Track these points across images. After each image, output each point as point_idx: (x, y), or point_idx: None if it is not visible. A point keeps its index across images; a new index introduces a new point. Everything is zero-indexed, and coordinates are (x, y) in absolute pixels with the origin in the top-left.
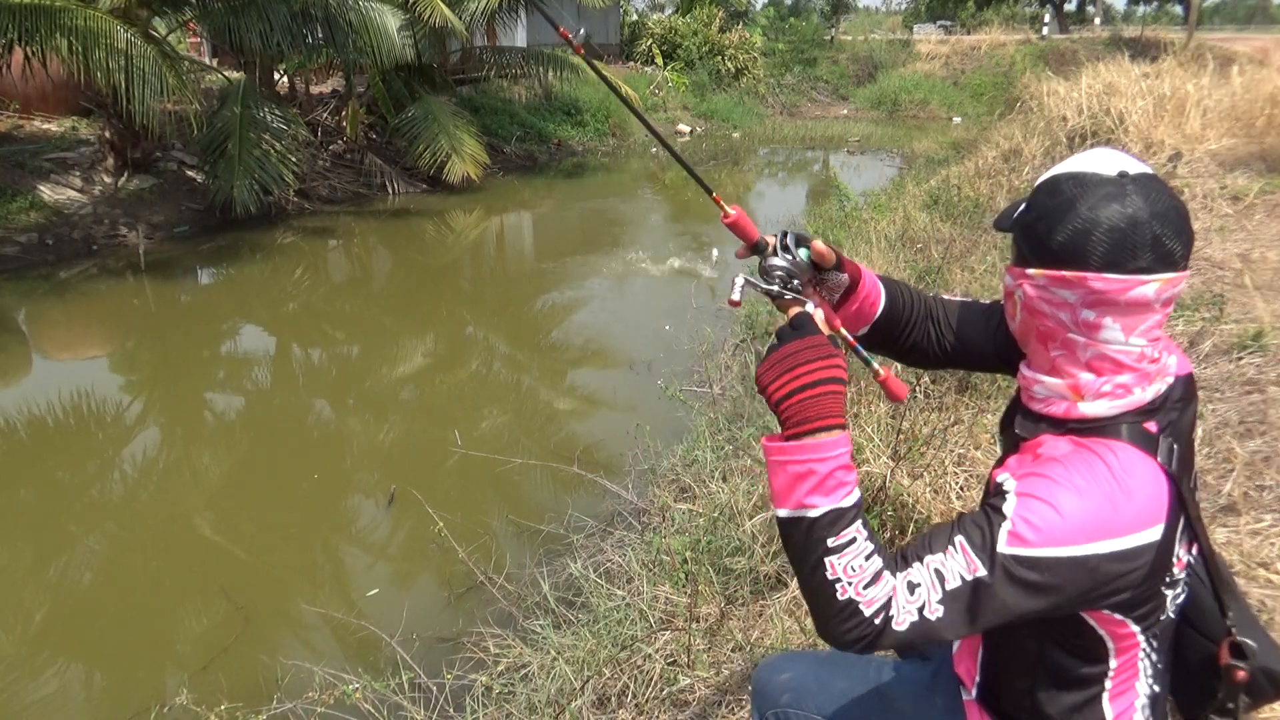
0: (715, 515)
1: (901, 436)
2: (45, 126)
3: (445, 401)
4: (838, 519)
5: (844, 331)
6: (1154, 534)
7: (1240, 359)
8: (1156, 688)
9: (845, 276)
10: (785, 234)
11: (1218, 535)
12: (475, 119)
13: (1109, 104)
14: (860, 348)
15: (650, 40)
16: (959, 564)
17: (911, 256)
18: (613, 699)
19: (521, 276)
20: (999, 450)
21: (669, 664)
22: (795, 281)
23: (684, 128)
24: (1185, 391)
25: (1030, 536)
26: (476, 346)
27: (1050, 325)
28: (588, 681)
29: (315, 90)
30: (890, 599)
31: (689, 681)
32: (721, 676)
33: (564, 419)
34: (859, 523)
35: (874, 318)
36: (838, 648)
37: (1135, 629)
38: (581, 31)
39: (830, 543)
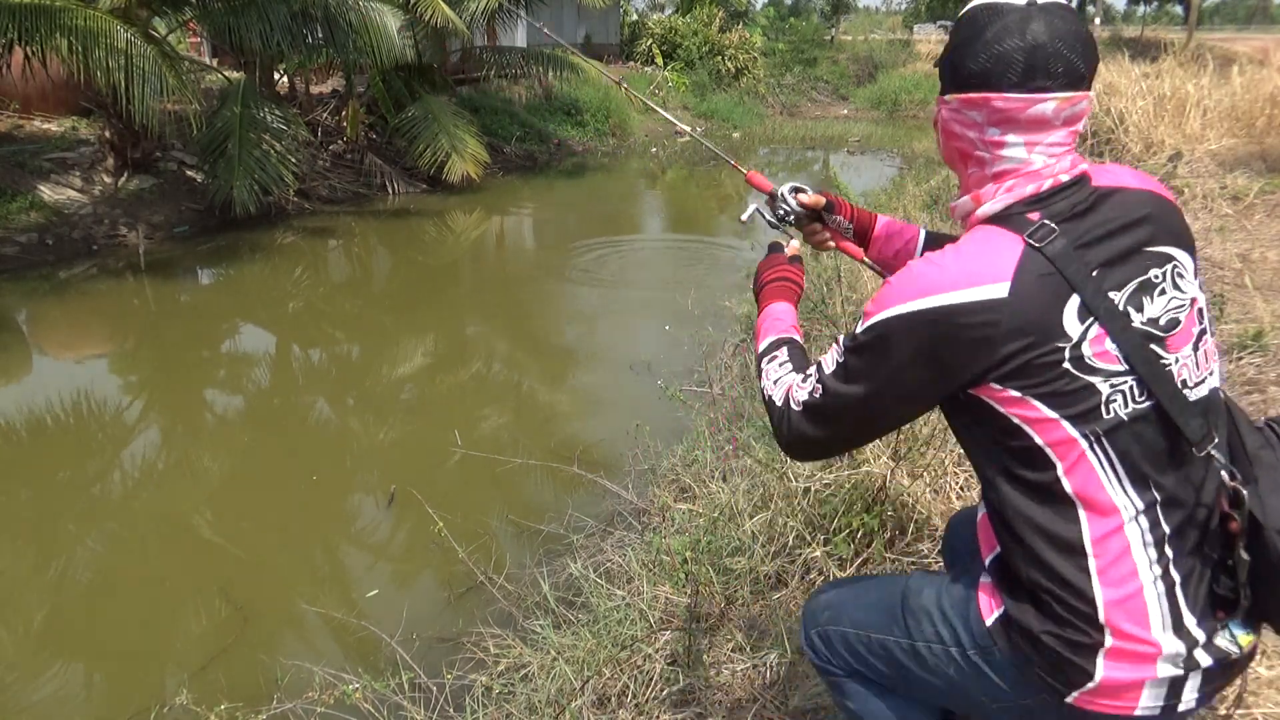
0: (715, 515)
1: (901, 436)
2: (45, 126)
3: (445, 401)
4: (770, 348)
5: (852, 249)
6: (993, 291)
7: (1240, 359)
8: (1168, 563)
9: (844, 220)
10: (787, 186)
11: None
12: (475, 119)
13: (1109, 104)
14: (867, 260)
15: (650, 40)
16: (834, 353)
17: None
18: (613, 699)
19: (521, 276)
20: None
21: (669, 664)
22: (791, 217)
23: (684, 127)
24: (1136, 210)
25: (871, 309)
26: (476, 346)
27: (962, 145)
28: (588, 681)
29: (315, 90)
30: (789, 390)
31: (689, 681)
32: (722, 676)
33: (564, 419)
34: (784, 350)
35: (915, 254)
36: (785, 452)
37: (1071, 431)
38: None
39: (764, 363)
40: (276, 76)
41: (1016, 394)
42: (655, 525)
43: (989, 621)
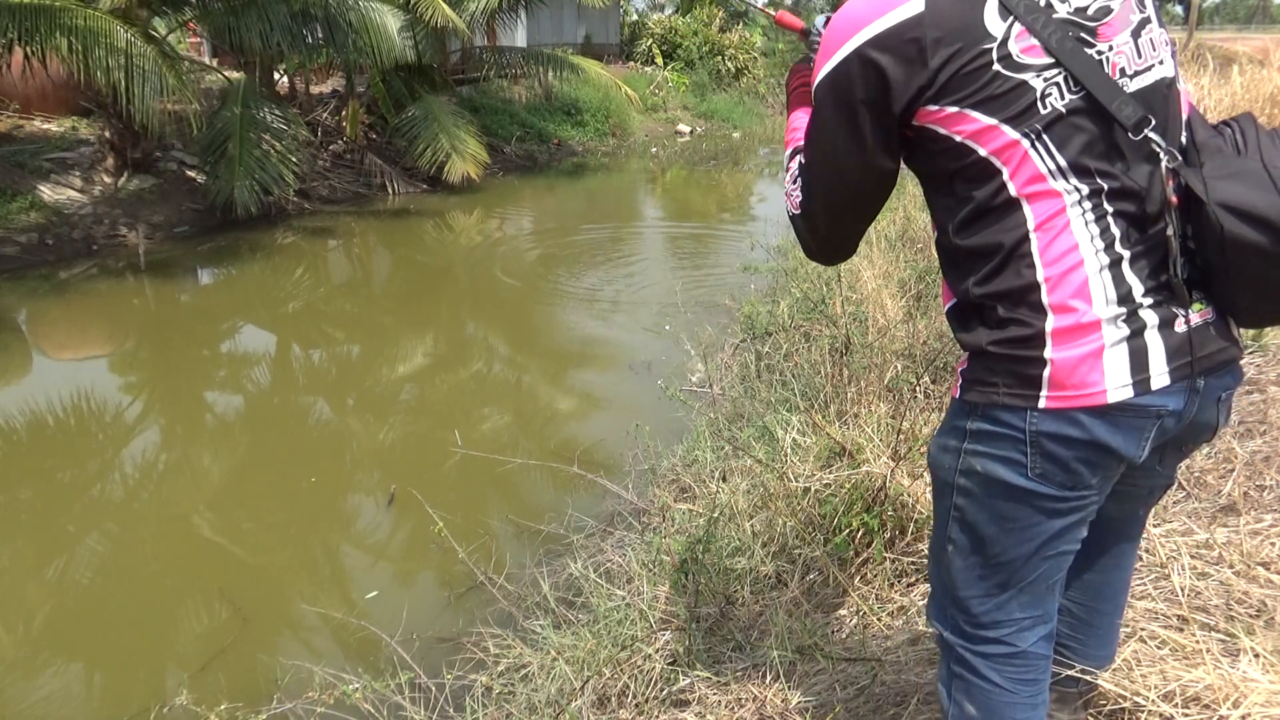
0: (715, 515)
1: (901, 436)
2: (45, 126)
3: (445, 401)
4: (788, 162)
5: None
6: (909, 9)
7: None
8: (1112, 240)
9: None
10: (819, 18)
11: (1218, 535)
12: (475, 119)
13: None
14: None
15: (650, 40)
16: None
17: (912, 256)
18: (613, 699)
19: (521, 277)
20: None
21: (669, 664)
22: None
23: (684, 128)
24: None
25: (813, 72)
26: (476, 346)
27: None
28: (588, 681)
29: (315, 90)
30: (788, 196)
31: (689, 681)
32: (722, 676)
33: (564, 419)
34: (795, 161)
35: None
36: (807, 256)
37: (1011, 133)
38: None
39: (785, 180)
40: (276, 76)
41: (954, 109)
42: (655, 525)
43: (959, 392)
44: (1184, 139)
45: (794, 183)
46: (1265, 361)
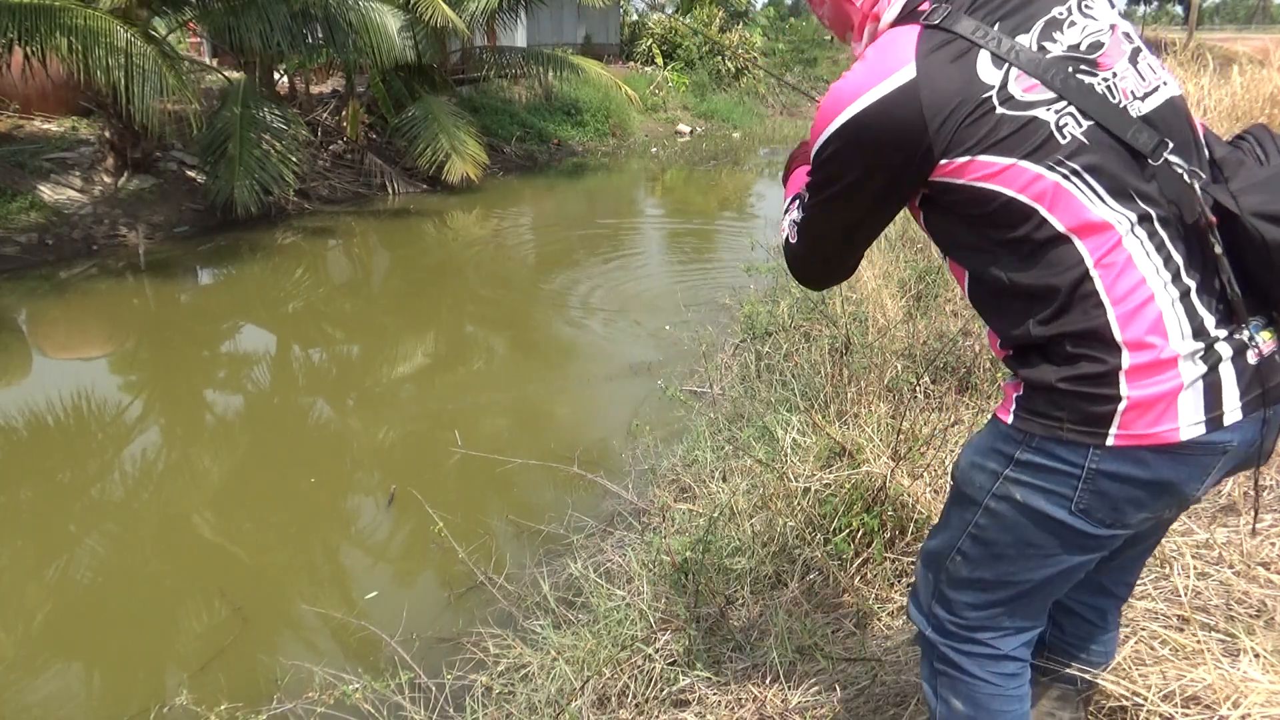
0: (715, 515)
1: (901, 436)
2: (45, 126)
3: (445, 401)
4: (788, 206)
5: None
6: (900, 77)
7: None
8: (1177, 270)
9: None
10: None
11: (1218, 535)
12: (475, 119)
13: None
14: None
15: (650, 40)
16: (805, 188)
17: (912, 256)
18: (613, 699)
19: (521, 277)
20: None
21: (669, 664)
22: None
23: (684, 128)
24: None
25: (810, 139)
26: (476, 346)
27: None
28: (588, 681)
29: (315, 90)
30: (783, 229)
31: (689, 681)
32: (722, 676)
33: (564, 419)
34: (795, 202)
35: None
36: (795, 279)
37: (1035, 168)
38: None
39: (782, 216)
40: (276, 76)
41: (965, 158)
42: (655, 525)
43: (1010, 418)
44: (1204, 157)
45: (790, 226)
46: None
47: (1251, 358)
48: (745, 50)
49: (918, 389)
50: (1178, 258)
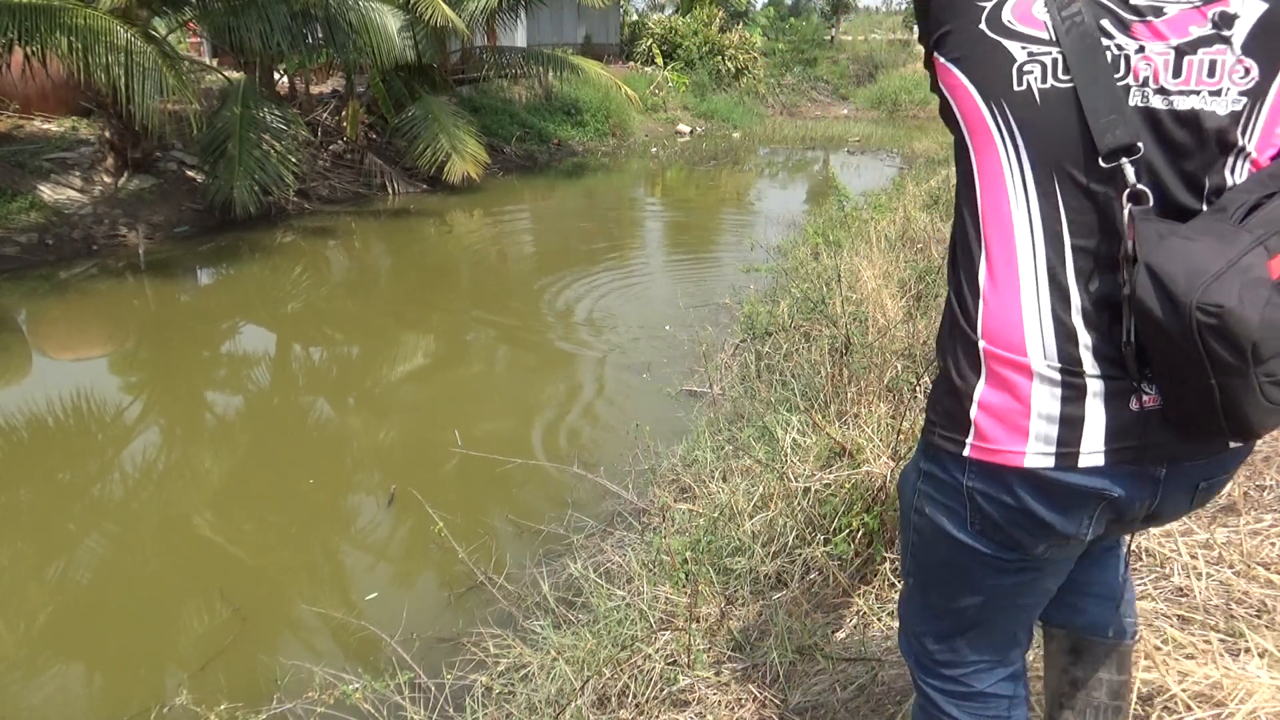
0: (715, 515)
1: (901, 436)
2: (45, 126)
3: (445, 401)
4: None
5: None
6: None
7: None
8: (1064, 281)
9: None
10: None
11: (1218, 535)
12: (475, 119)
13: None
14: None
15: (650, 40)
16: None
17: (912, 256)
18: (613, 699)
19: (521, 276)
20: None
21: (669, 664)
22: None
23: (684, 128)
24: None
25: None
26: (476, 346)
27: None
28: (588, 681)
29: (315, 90)
30: None
31: (689, 681)
32: (722, 676)
33: (564, 419)
34: None
35: None
36: None
37: (979, 100)
38: None
39: None
40: (276, 76)
41: (946, 61)
42: (655, 525)
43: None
44: (1203, 195)
45: None
46: None
47: (1133, 404)
48: (745, 50)
49: (918, 389)
50: (1071, 268)
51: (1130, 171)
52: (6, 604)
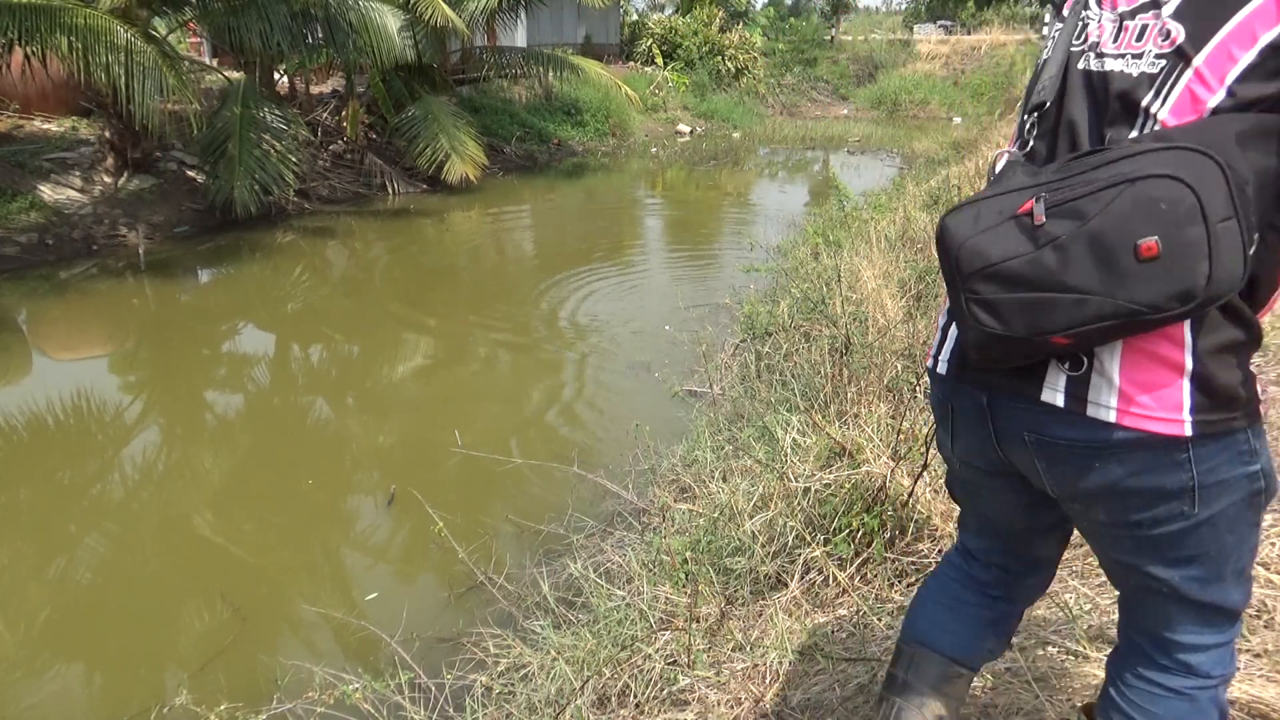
0: (715, 515)
1: (901, 436)
2: (45, 126)
3: (445, 401)
4: None
5: None
6: None
7: None
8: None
9: None
10: None
11: None
12: (475, 119)
13: None
14: None
15: (650, 40)
16: None
17: (912, 256)
18: (613, 699)
19: (521, 276)
20: None
21: (669, 664)
22: None
23: (684, 128)
24: None
25: None
26: (476, 346)
27: None
28: (588, 681)
29: (315, 90)
30: None
31: (689, 681)
32: (722, 676)
33: (564, 419)
34: None
35: None
36: None
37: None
38: None
39: None
40: (276, 76)
41: None
42: (655, 525)
43: None
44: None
45: None
46: (1265, 361)
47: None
48: (745, 50)
49: (918, 389)
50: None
51: (1027, 126)
52: (6, 604)
